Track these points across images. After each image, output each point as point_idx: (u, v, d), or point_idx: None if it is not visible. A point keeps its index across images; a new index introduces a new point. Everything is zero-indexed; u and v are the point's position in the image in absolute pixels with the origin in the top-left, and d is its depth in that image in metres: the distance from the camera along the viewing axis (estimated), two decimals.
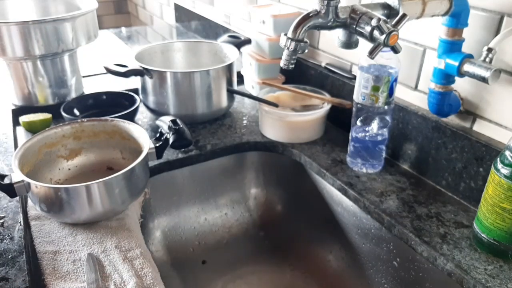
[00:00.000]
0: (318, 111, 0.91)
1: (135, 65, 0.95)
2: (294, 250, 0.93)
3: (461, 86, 0.71)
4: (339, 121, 0.97)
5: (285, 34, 0.62)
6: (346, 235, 0.83)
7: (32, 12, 1.12)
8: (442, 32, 0.67)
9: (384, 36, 0.56)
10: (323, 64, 1.01)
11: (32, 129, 0.92)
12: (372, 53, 0.58)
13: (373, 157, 0.81)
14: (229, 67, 0.98)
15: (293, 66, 0.65)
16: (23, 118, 0.93)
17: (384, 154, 0.82)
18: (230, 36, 1.12)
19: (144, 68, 0.94)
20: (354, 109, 0.80)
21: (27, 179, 0.62)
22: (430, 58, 0.75)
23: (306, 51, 0.63)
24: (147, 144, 0.71)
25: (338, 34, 0.67)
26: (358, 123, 0.80)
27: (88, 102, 1.00)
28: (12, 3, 1.09)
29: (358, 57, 0.91)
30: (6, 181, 0.62)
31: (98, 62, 1.26)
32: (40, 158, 0.72)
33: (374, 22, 0.57)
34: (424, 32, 0.75)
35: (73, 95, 1.04)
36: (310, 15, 0.61)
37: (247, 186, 0.99)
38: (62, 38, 0.92)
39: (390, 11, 0.64)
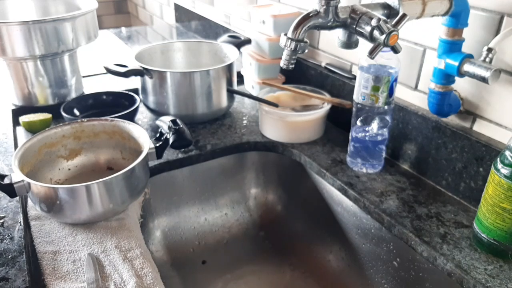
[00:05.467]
0: (318, 111, 0.91)
1: (135, 65, 0.95)
2: (294, 250, 0.93)
3: (461, 86, 0.71)
4: (339, 121, 0.97)
5: (285, 34, 0.62)
6: (346, 235, 0.83)
7: (32, 12, 1.12)
8: (442, 32, 0.67)
9: (384, 36, 0.56)
10: (323, 64, 1.01)
11: (32, 129, 0.92)
12: (372, 53, 0.58)
13: (373, 157, 0.81)
14: (229, 67, 0.98)
15: (293, 66, 0.65)
16: (23, 118, 0.93)
17: (384, 154, 0.82)
18: (230, 36, 1.12)
19: (144, 68, 0.94)
20: (354, 109, 0.80)
21: (27, 179, 0.62)
22: (430, 58, 0.75)
23: (306, 51, 0.63)
24: (147, 144, 0.71)
25: (338, 34, 0.67)
26: (358, 123, 0.80)
27: (88, 102, 1.00)
28: (12, 3, 1.09)
29: (358, 57, 0.91)
30: (6, 181, 0.62)
31: (98, 62, 1.26)
32: (40, 158, 0.72)
33: (374, 22, 0.57)
34: (424, 32, 0.75)
35: (73, 95, 1.04)
36: (310, 15, 0.61)
37: (247, 186, 0.99)
38: (62, 38, 0.92)
39: (390, 11, 0.64)
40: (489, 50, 0.62)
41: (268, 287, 0.88)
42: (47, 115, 0.94)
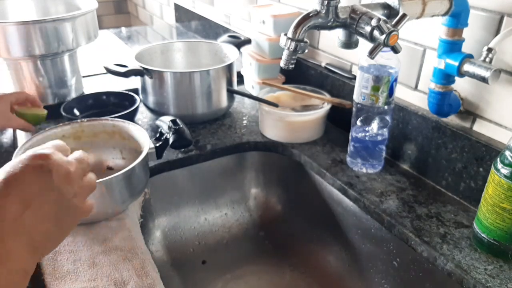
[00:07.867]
0: (318, 111, 0.91)
1: (135, 65, 0.95)
2: (294, 250, 0.93)
3: (461, 86, 0.71)
4: (339, 121, 0.97)
5: (285, 34, 0.62)
6: (346, 235, 0.83)
7: (32, 12, 1.12)
8: (442, 32, 0.67)
9: (384, 36, 0.56)
10: (323, 64, 1.01)
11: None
12: (372, 53, 0.58)
13: (373, 157, 0.81)
14: (229, 67, 0.98)
15: (293, 66, 0.65)
16: (17, 108, 0.90)
17: (384, 154, 0.82)
18: (230, 36, 1.12)
19: (144, 68, 0.94)
20: (354, 109, 0.80)
21: None
22: (430, 58, 0.75)
23: (306, 51, 0.63)
24: (147, 144, 0.71)
25: (338, 34, 0.67)
26: (358, 123, 0.80)
27: (88, 102, 1.00)
28: (12, 3, 1.09)
29: (358, 57, 0.91)
30: None
31: (98, 62, 1.26)
32: None
33: (374, 22, 0.57)
34: (424, 32, 0.75)
35: (73, 95, 1.04)
36: (310, 15, 0.61)
37: (247, 186, 0.99)
38: (62, 38, 0.92)
39: (390, 11, 0.64)
40: (489, 50, 0.62)
41: (268, 287, 0.88)
42: (41, 111, 0.90)
